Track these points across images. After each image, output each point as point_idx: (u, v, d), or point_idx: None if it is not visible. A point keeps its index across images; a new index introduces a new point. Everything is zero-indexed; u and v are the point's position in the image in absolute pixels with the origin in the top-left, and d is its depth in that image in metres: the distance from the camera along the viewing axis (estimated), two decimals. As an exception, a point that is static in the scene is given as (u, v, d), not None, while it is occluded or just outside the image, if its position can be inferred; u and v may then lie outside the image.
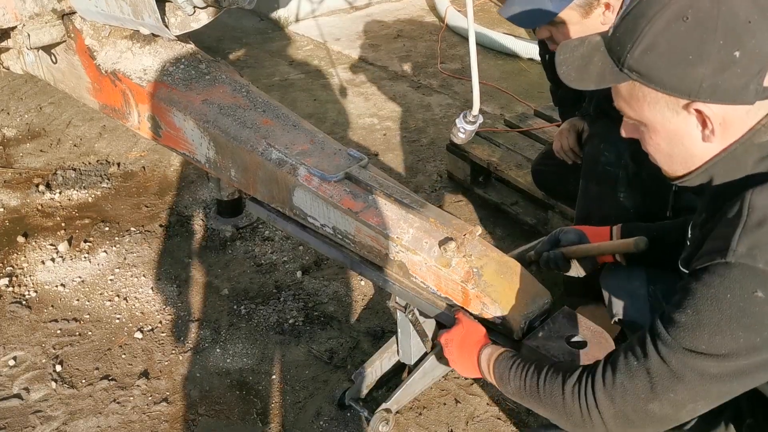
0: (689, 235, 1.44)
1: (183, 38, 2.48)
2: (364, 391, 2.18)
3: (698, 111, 1.17)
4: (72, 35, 2.48)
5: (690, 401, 1.19)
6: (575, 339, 1.67)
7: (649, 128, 1.26)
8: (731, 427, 1.42)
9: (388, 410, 2.07)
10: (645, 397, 1.21)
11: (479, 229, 1.75)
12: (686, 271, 1.28)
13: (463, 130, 1.84)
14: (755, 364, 1.14)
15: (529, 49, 4.74)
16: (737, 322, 1.11)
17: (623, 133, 1.35)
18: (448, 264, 1.73)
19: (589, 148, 2.27)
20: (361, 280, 2.74)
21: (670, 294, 1.24)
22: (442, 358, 2.02)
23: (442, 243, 1.72)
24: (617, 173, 2.16)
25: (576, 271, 1.92)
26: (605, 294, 1.88)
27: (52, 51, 2.60)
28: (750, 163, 1.20)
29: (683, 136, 1.22)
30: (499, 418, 2.15)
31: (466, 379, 2.29)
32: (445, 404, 2.21)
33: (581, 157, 2.47)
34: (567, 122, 2.56)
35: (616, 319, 1.84)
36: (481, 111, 2.02)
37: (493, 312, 1.69)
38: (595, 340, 1.67)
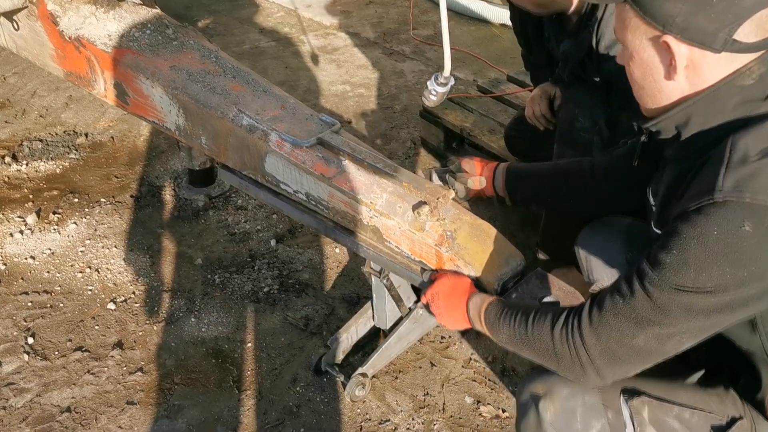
0: (651, 201, 1.46)
1: (149, 3, 2.42)
2: (340, 357, 2.19)
3: (667, 45, 1.19)
4: (34, 0, 2.40)
5: (675, 335, 1.20)
6: (548, 299, 1.68)
7: (628, 55, 1.29)
8: (731, 389, 1.45)
9: (364, 374, 2.09)
10: (630, 333, 1.23)
11: (452, 193, 1.75)
12: (659, 232, 1.29)
13: (434, 92, 1.83)
14: (742, 298, 1.15)
15: (501, 15, 4.72)
16: (724, 257, 1.12)
17: (618, 60, 1.37)
18: (421, 228, 1.73)
19: (564, 114, 2.28)
20: (336, 247, 2.74)
21: None
22: (424, 316, 2.04)
23: (416, 207, 1.72)
24: (592, 138, 2.18)
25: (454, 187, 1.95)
26: (581, 260, 1.90)
27: (14, 17, 2.52)
28: (730, 106, 1.21)
29: (652, 69, 1.26)
30: (474, 380, 2.18)
31: (441, 342, 2.31)
32: (420, 368, 2.22)
33: (553, 123, 2.47)
34: (539, 88, 2.56)
35: (595, 287, 1.85)
36: (453, 77, 2.01)
37: (467, 274, 1.70)
38: (567, 300, 1.69)
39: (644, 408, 1.40)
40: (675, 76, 1.22)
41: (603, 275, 1.80)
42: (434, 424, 2.04)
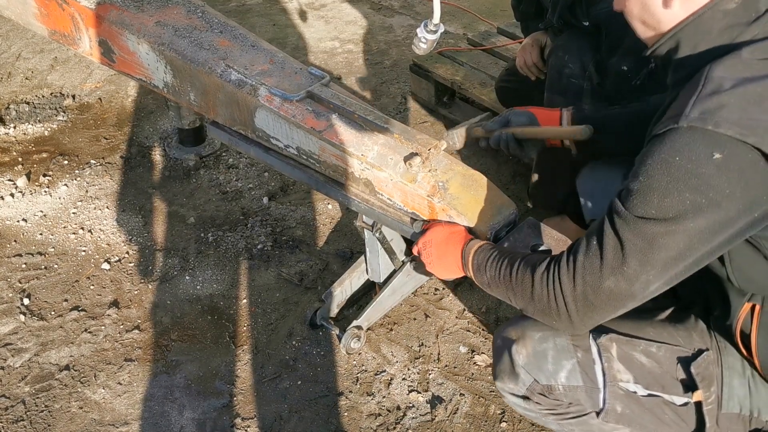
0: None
1: (131, -42, 2.37)
2: (335, 311, 2.21)
3: None
4: (13, -43, 2.35)
5: (642, 273, 1.22)
6: (540, 248, 1.69)
7: None
8: (700, 322, 1.48)
9: (359, 327, 2.11)
10: (601, 274, 1.25)
11: (444, 144, 1.75)
12: None
13: (424, 40, 1.80)
14: (701, 228, 1.17)
15: (491, -33, 4.64)
16: (684, 183, 1.14)
17: (615, 7, 1.38)
18: (413, 179, 1.73)
19: (554, 60, 2.26)
20: (329, 203, 2.74)
21: None
22: (416, 268, 2.06)
23: (408, 158, 1.71)
24: (581, 84, 2.17)
25: (523, 153, 1.91)
26: (582, 199, 1.90)
27: (-7, -25, 2.47)
28: (715, 30, 1.23)
29: (650, 1, 1.28)
30: (468, 330, 2.21)
31: (435, 294, 2.33)
32: (415, 319, 2.25)
33: (544, 72, 2.46)
34: (529, 37, 2.54)
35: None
36: (444, 31, 1.98)
37: (459, 224, 1.70)
38: (559, 248, 1.70)
39: (612, 345, 1.44)
40: (671, 3, 1.25)
41: (601, 211, 1.81)
42: (429, 374, 2.07)
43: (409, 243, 2.01)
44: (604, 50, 2.09)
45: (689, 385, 1.40)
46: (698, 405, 1.40)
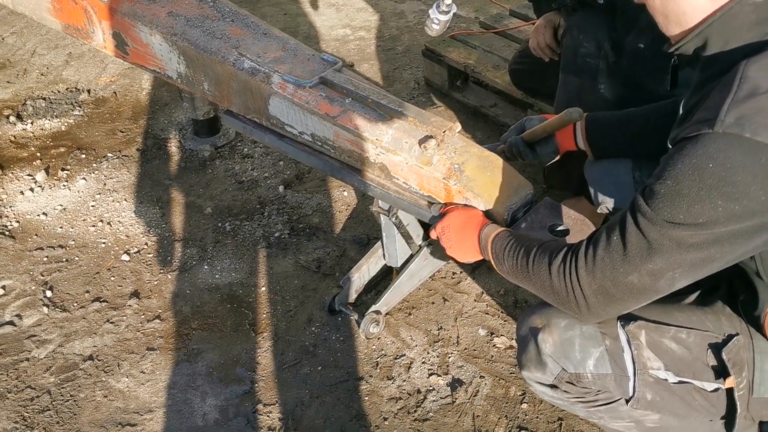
0: (680, 113, 1.44)
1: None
2: (353, 296, 2.22)
3: None
4: (25, -47, 2.37)
5: (668, 270, 1.20)
6: (558, 228, 1.69)
7: None
8: (726, 306, 1.46)
9: (377, 312, 2.12)
10: (623, 270, 1.23)
11: (459, 126, 1.74)
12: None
13: (437, 21, 1.80)
14: (733, 233, 1.14)
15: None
16: (717, 190, 1.11)
17: None
18: (429, 162, 1.72)
19: (568, 40, 2.24)
20: (344, 190, 2.74)
21: None
22: (433, 252, 2.06)
23: (422, 141, 1.71)
24: (597, 64, 2.14)
25: (537, 158, 1.91)
26: (590, 184, 1.89)
27: (7, -28, 2.49)
28: (745, 25, 1.18)
29: None
30: (486, 313, 2.21)
31: (452, 278, 2.33)
32: (433, 303, 2.25)
33: (558, 53, 2.44)
34: (543, 18, 2.52)
35: (603, 208, 1.85)
36: (455, 15, 1.97)
37: (476, 206, 1.70)
38: (577, 227, 1.69)
39: (641, 332, 1.42)
40: None
41: (609, 196, 1.80)
42: (449, 357, 2.08)
43: (426, 227, 2.01)
44: (620, 28, 2.06)
45: (720, 371, 1.38)
46: (729, 391, 1.38)
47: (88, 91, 3.48)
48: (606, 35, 2.10)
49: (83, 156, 3.00)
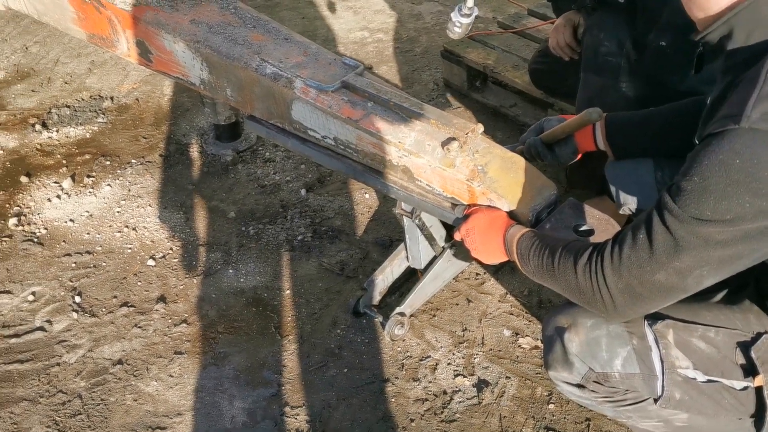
0: (707, 106, 1.43)
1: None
2: (377, 298, 2.23)
3: None
4: (49, -36, 2.40)
5: (695, 268, 1.20)
6: (583, 228, 1.69)
7: None
8: (754, 305, 1.45)
9: (402, 314, 2.13)
10: (650, 268, 1.23)
11: (481, 127, 1.75)
12: None
13: (459, 24, 1.80)
14: (760, 229, 1.14)
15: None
16: (745, 186, 1.10)
17: None
18: (452, 164, 1.73)
19: (589, 39, 2.23)
20: (366, 193, 2.76)
21: None
22: (457, 254, 2.06)
23: (445, 143, 1.72)
24: (618, 62, 2.13)
25: (556, 158, 1.91)
26: (611, 185, 1.89)
27: (32, -17, 2.53)
28: None
29: None
30: (511, 314, 2.21)
31: (476, 279, 2.34)
32: (457, 305, 2.26)
33: (578, 52, 2.43)
34: (562, 17, 2.51)
35: (626, 209, 1.85)
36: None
37: (500, 207, 1.70)
38: (601, 227, 1.69)
39: (669, 331, 1.41)
40: None
41: (632, 197, 1.79)
42: (474, 358, 2.08)
43: (450, 228, 2.02)
44: (641, 26, 2.06)
45: (749, 370, 1.37)
46: (759, 389, 1.37)
47: (111, 98, 3.52)
48: (627, 34, 2.09)
49: (108, 162, 3.05)
